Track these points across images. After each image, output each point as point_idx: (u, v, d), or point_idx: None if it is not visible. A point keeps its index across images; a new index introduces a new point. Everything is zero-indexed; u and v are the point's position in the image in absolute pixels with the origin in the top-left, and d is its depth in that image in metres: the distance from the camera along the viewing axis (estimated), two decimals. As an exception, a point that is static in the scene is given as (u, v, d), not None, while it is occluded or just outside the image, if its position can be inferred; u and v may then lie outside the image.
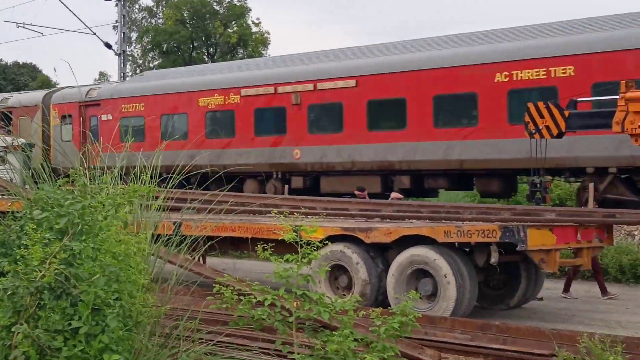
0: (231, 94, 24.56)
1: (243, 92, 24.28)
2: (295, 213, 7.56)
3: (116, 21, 38.59)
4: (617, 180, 17.24)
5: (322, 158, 22.32)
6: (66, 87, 32.01)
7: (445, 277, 11.56)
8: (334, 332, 6.22)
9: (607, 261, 15.79)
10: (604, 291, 14.23)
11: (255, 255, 6.78)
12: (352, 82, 21.63)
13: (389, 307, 10.15)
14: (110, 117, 27.58)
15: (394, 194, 17.41)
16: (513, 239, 11.17)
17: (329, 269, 12.62)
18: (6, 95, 34.39)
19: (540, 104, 12.80)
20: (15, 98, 32.16)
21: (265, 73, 24.63)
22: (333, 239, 12.59)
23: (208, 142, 24.50)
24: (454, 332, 10.11)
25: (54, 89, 32.53)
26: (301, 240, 6.49)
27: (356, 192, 18.78)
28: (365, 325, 6.78)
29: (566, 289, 14.33)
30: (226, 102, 24.66)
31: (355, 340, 6.23)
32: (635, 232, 17.31)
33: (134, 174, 7.06)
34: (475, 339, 9.77)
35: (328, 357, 6.12)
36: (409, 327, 6.45)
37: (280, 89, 23.33)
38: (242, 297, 6.49)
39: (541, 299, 13.77)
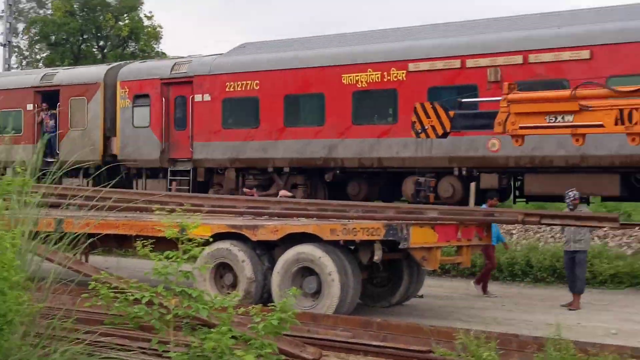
0: (393, 68, 19.67)
1: (411, 66, 19.47)
2: (179, 210, 7.46)
3: (2, 11, 37.11)
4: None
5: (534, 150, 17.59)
6: (139, 60, 27.94)
7: (330, 275, 11.70)
8: (212, 330, 6.22)
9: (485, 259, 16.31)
10: (485, 289, 14.72)
11: (149, 254, 6.70)
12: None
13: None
14: (207, 98, 22.77)
15: (282, 192, 17.43)
16: (396, 237, 11.41)
17: (214, 267, 12.62)
18: (49, 70, 28.69)
19: (427, 104, 13.08)
20: (64, 74, 26.86)
21: (448, 42, 19.52)
22: (220, 236, 12.57)
23: (355, 130, 20.01)
24: (336, 329, 10.25)
25: (122, 62, 27.26)
26: (182, 237, 6.44)
27: (245, 190, 18.73)
28: (245, 323, 6.81)
29: (484, 290, 14.74)
30: (384, 79, 19.75)
31: (233, 337, 6.25)
32: (514, 231, 17.97)
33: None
34: (356, 336, 9.94)
35: (205, 355, 6.11)
36: (287, 323, 6.50)
37: (471, 62, 18.84)
38: (120, 295, 6.40)
39: (422, 296, 14.10)
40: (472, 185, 16.32)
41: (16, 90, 27.05)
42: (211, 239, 11.61)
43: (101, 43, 49.95)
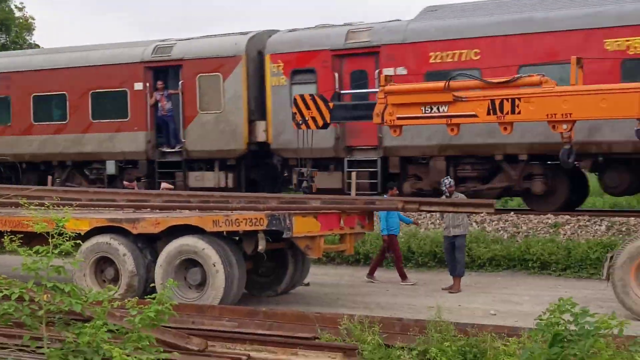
0: None
1: None
2: (48, 204, 7.19)
3: None
4: None
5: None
6: (295, 29, 21.26)
7: (214, 266, 11.60)
8: (86, 324, 6.04)
9: (368, 247, 16.56)
10: (403, 277, 14.81)
11: (17, 249, 6.41)
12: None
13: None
14: (402, 72, 18.40)
15: (164, 184, 17.13)
16: (279, 227, 11.43)
17: (95, 262, 12.33)
18: (162, 42, 22.36)
19: (307, 96, 13.14)
20: (186, 46, 21.63)
21: None
22: (100, 230, 12.28)
23: None
24: (222, 319, 10.22)
25: (263, 31, 21.47)
26: (52, 232, 6.21)
27: (125, 183, 18.30)
28: (123, 316, 6.65)
29: (403, 277, 14.82)
30: None
31: (110, 331, 6.09)
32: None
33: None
34: (242, 326, 9.92)
35: (80, 349, 5.93)
36: (165, 315, 6.39)
37: None
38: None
39: (308, 284, 14.18)
40: (354, 174, 16.51)
41: (119, 67, 22.02)
42: (83, 234, 11.38)
43: (-30, 34, 47.87)
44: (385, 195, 15.10)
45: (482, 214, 16.86)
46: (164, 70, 21.84)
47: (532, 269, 15.44)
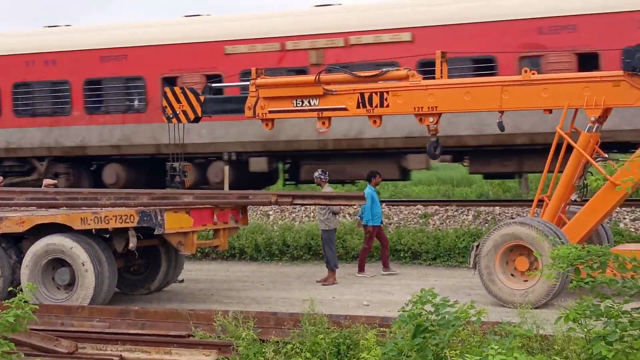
0: None
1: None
2: None
3: None
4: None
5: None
6: None
7: (83, 265, 11.29)
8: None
9: (243, 241, 16.51)
10: (385, 265, 14.73)
11: None
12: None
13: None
14: None
15: (46, 181, 16.23)
16: (151, 223, 11.22)
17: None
18: None
19: (177, 89, 12.98)
20: None
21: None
22: (-42, 231, 11.72)
23: None
24: (92, 320, 9.98)
25: None
26: None
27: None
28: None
29: (361, 269, 14.63)
30: None
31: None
32: (270, 212, 18.32)
33: None
34: (113, 326, 9.71)
35: None
36: (25, 320, 6.15)
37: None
38: None
39: (182, 281, 14.01)
40: (226, 169, 16.45)
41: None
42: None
43: None
44: (368, 184, 14.85)
45: (354, 206, 17.11)
46: None
47: (404, 259, 15.79)
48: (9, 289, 9.73)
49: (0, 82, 20.88)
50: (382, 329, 8.21)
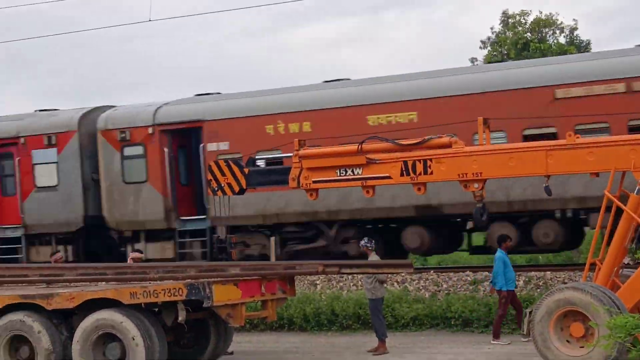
0: None
1: None
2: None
3: None
4: None
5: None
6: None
7: (134, 339, 11.33)
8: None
9: (291, 312, 16.43)
10: (496, 336, 14.30)
11: None
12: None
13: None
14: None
15: (133, 255, 15.91)
16: (199, 296, 11.26)
17: (9, 340, 11.93)
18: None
19: (221, 162, 13.14)
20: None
21: None
22: (12, 307, 11.89)
23: None
24: (143, 395, 9.93)
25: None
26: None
27: (53, 258, 17.14)
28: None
29: (495, 336, 14.25)
30: None
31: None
32: (317, 282, 18.26)
33: None
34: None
35: None
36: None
37: None
38: None
39: (232, 352, 13.93)
40: (272, 240, 16.49)
41: None
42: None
43: None
44: (498, 249, 14.61)
45: (402, 274, 16.97)
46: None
47: (455, 327, 15.54)
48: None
49: None
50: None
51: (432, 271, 18.38)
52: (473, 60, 41.41)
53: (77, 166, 21.15)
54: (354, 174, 12.15)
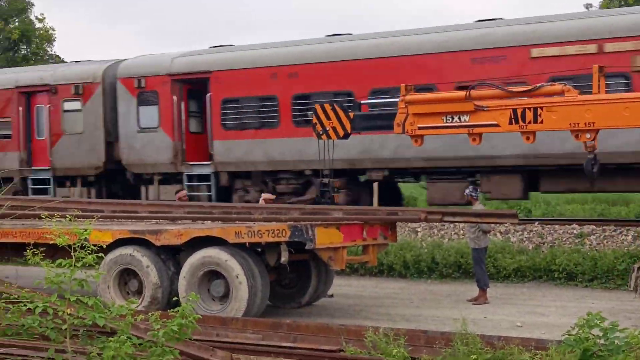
0: None
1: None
2: (69, 217, 7.15)
3: None
4: None
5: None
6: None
7: (237, 277, 11.56)
8: (110, 338, 6.01)
9: (391, 258, 16.45)
10: None
11: (40, 263, 6.41)
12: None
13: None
14: None
15: (265, 195, 16.26)
16: (302, 238, 11.36)
17: (118, 274, 12.35)
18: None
19: (327, 106, 13.11)
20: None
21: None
22: (122, 242, 12.30)
23: None
24: (246, 332, 10.17)
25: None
26: (74, 245, 6.19)
27: (177, 195, 17.40)
28: (147, 329, 6.61)
29: None
30: None
31: (134, 345, 6.06)
32: (419, 229, 18.19)
33: None
34: (266, 338, 9.87)
35: (104, 364, 5.92)
36: (189, 329, 6.35)
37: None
38: (12, 306, 6.12)
39: (332, 295, 14.11)
40: (375, 185, 16.44)
41: None
42: (106, 247, 11.38)
43: (-10, 46, 48.35)
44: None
45: (506, 225, 16.71)
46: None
47: (558, 280, 15.26)
48: (174, 299, 10.16)
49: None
50: (537, 351, 7.94)
51: (536, 223, 18.03)
52: (588, 6, 39.83)
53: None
54: (460, 121, 11.93)
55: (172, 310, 6.62)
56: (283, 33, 74.13)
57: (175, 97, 21.48)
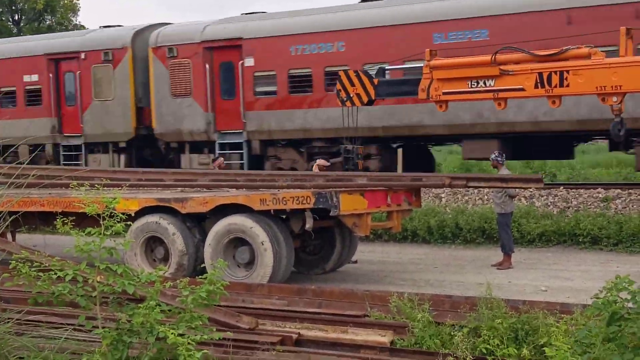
0: None
1: None
2: (98, 186, 7.24)
3: None
4: None
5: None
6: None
7: (262, 244, 11.65)
8: (139, 305, 6.11)
9: (415, 224, 16.47)
10: None
11: (69, 231, 6.52)
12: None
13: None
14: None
15: (320, 161, 16.17)
16: (327, 205, 11.41)
17: (145, 241, 12.49)
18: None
19: (351, 72, 13.09)
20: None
21: None
22: (149, 210, 12.41)
23: None
24: (271, 298, 10.26)
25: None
26: (103, 213, 6.27)
27: (214, 164, 17.50)
28: (175, 295, 6.71)
29: None
30: None
31: (162, 311, 6.15)
32: (442, 195, 18.18)
33: None
34: (291, 304, 9.95)
35: (134, 330, 6.00)
36: (217, 295, 6.42)
37: None
38: (42, 274, 6.23)
39: (356, 261, 14.18)
40: (399, 151, 16.45)
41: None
42: (133, 214, 11.50)
43: (16, 17, 48.54)
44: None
45: (531, 189, 16.66)
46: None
47: (583, 244, 15.23)
48: (201, 266, 10.24)
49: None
50: (562, 315, 7.96)
51: (561, 187, 17.94)
52: None
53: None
54: (485, 86, 11.86)
55: (199, 277, 6.69)
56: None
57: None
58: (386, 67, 14.05)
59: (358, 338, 8.54)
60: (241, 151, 21.37)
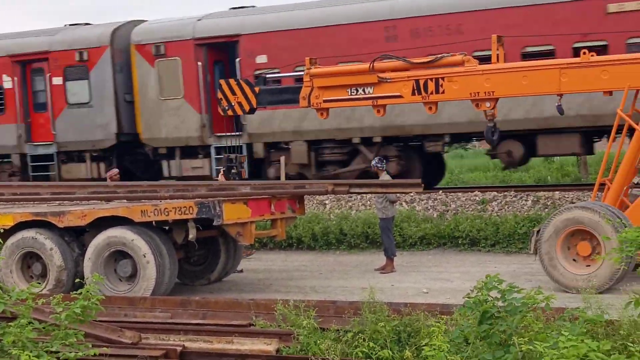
0: None
1: None
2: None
3: None
4: None
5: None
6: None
7: (144, 256, 11.45)
8: (10, 324, 5.88)
9: (300, 231, 16.55)
10: None
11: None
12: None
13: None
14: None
15: (110, 173, 15.62)
16: (209, 214, 11.33)
17: (21, 257, 12.08)
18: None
19: (232, 81, 13.04)
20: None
21: None
22: (24, 225, 12.01)
23: None
24: (155, 311, 10.10)
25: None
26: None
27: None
28: (52, 312, 6.49)
29: None
30: None
31: (36, 329, 5.95)
32: (327, 202, 18.33)
33: None
34: (175, 317, 9.83)
35: (5, 349, 5.78)
36: (93, 310, 6.26)
37: None
38: None
39: (241, 271, 14.13)
40: (282, 159, 16.50)
41: None
42: (6, 229, 11.09)
43: None
44: None
45: (411, 194, 17.02)
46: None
47: (462, 246, 15.66)
48: (76, 281, 9.92)
49: None
50: (442, 316, 8.15)
51: (440, 191, 18.41)
52: None
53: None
54: (365, 93, 12.05)
55: (75, 292, 6.50)
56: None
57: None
58: (267, 75, 14.08)
59: (243, 348, 8.52)
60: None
